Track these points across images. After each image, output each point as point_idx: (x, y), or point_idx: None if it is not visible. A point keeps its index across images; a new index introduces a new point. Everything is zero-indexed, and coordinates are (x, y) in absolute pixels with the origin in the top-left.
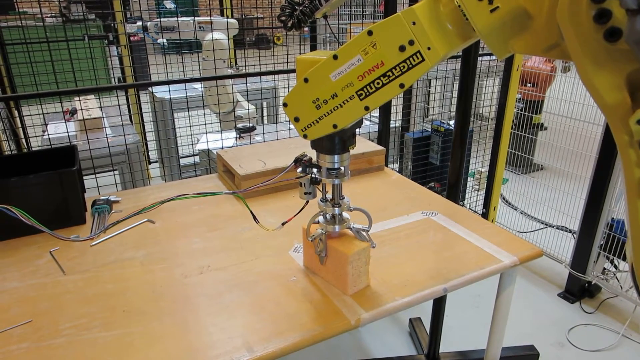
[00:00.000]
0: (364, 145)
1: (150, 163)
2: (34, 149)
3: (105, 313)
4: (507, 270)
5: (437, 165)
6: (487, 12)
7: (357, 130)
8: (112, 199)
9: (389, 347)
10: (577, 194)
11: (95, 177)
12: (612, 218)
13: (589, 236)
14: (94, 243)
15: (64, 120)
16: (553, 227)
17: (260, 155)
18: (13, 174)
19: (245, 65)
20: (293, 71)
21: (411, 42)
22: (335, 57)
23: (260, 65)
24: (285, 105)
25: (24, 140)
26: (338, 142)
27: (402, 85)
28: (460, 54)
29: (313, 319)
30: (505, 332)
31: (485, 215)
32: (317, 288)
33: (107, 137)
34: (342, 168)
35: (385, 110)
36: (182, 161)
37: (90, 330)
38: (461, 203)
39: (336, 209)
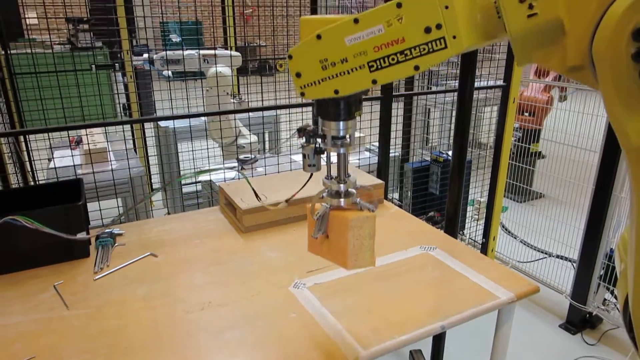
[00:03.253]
0: (363, 178)
1: (152, 190)
2: (40, 179)
3: (108, 349)
4: (505, 307)
5: (437, 195)
6: (525, 16)
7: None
8: (115, 232)
9: None
10: (575, 224)
11: (100, 207)
12: (611, 249)
13: (588, 267)
14: (97, 277)
15: (69, 148)
16: (553, 256)
17: (261, 188)
18: (20, 208)
19: (248, 94)
20: (295, 106)
21: (438, 26)
22: (356, 20)
23: (262, 93)
24: (290, 57)
25: (30, 173)
26: (344, 107)
27: (416, 68)
28: (457, 87)
29: (312, 357)
30: None
31: (485, 245)
32: (316, 325)
33: (112, 170)
34: (348, 136)
35: (385, 140)
36: (185, 188)
37: None
38: (461, 233)
39: (342, 185)
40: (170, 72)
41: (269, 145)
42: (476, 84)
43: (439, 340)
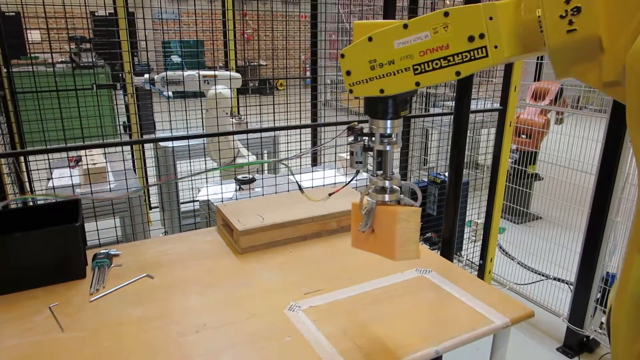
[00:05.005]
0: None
1: (151, 208)
2: (39, 199)
3: None
4: (500, 331)
5: (435, 216)
6: (564, 31)
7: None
8: (112, 253)
9: None
10: (572, 246)
11: (97, 228)
12: (607, 272)
13: (585, 290)
14: (93, 299)
15: (68, 167)
16: (550, 278)
17: (259, 209)
18: (19, 227)
19: (248, 114)
20: (292, 127)
21: (481, 36)
22: (405, 26)
23: (260, 115)
24: (342, 56)
25: (29, 193)
26: (392, 106)
27: (458, 73)
28: (453, 110)
29: None
30: None
31: (482, 266)
32: (310, 350)
33: (110, 190)
34: (394, 135)
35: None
36: (183, 207)
37: None
38: (458, 254)
39: (387, 182)
40: (170, 92)
41: (268, 165)
42: (474, 107)
43: None
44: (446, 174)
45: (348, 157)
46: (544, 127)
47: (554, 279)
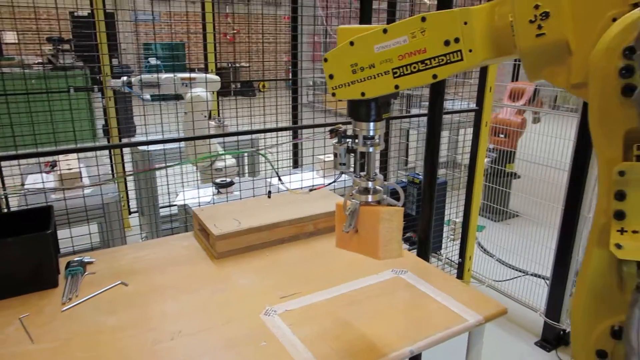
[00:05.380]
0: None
1: (130, 213)
2: (11, 205)
3: None
4: (474, 329)
5: (414, 215)
6: (534, 35)
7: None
8: (86, 260)
9: None
10: (548, 243)
11: (71, 234)
12: None
13: (560, 285)
14: (65, 308)
15: (41, 173)
16: (528, 274)
17: (236, 214)
18: None
19: (230, 117)
20: (270, 130)
21: (457, 40)
22: (385, 30)
23: (237, 118)
24: (325, 60)
25: (3, 199)
26: (374, 109)
27: (435, 76)
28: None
29: None
30: None
31: (461, 264)
32: (286, 354)
33: (84, 197)
34: (377, 137)
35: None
36: (162, 211)
37: None
38: (438, 253)
39: (370, 182)
40: (149, 96)
41: (248, 169)
42: (452, 107)
43: None
44: None
45: (327, 160)
46: (520, 126)
47: (532, 274)
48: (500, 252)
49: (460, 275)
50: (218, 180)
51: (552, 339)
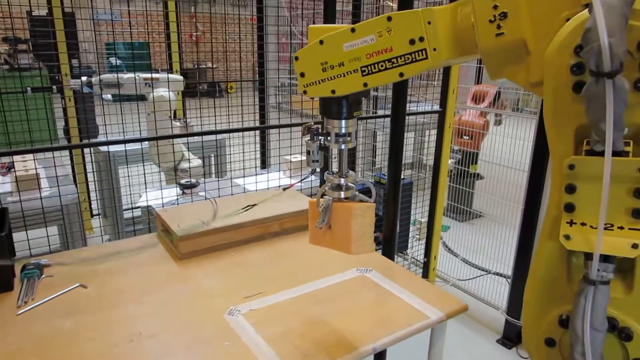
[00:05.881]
0: (304, 202)
1: (92, 216)
2: None
3: None
4: (437, 326)
5: (381, 215)
6: (493, 35)
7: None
8: (42, 263)
9: None
10: (510, 242)
11: (27, 237)
12: None
13: (521, 283)
14: (20, 312)
15: None
16: (491, 273)
17: (201, 214)
18: None
19: (196, 117)
20: (235, 130)
21: (421, 39)
22: (353, 30)
23: (201, 117)
24: (296, 58)
25: None
26: (346, 107)
27: (401, 74)
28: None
29: None
30: None
31: (427, 264)
32: (249, 353)
33: (41, 198)
34: (349, 134)
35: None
36: (126, 214)
37: None
38: (405, 253)
39: (342, 179)
40: (110, 96)
41: (215, 169)
42: (417, 109)
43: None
44: None
45: (294, 160)
46: (483, 128)
47: (494, 273)
48: (465, 251)
49: (425, 275)
50: (182, 181)
51: (513, 336)
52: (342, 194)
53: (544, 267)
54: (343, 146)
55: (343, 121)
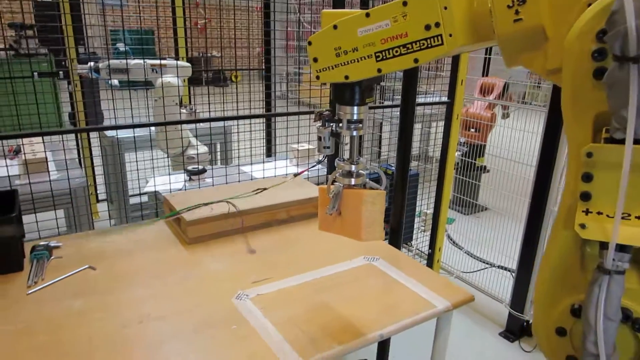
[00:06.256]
0: (312, 190)
1: (98, 201)
2: None
3: None
4: (443, 315)
5: (387, 206)
6: (511, 20)
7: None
8: (52, 245)
9: None
10: (516, 235)
11: (36, 219)
12: None
13: (525, 277)
14: (30, 291)
15: (5, 158)
16: (495, 266)
17: (208, 200)
18: None
19: (202, 103)
20: (242, 117)
21: (437, 24)
22: (367, 14)
23: (210, 104)
24: (309, 43)
25: None
26: (358, 93)
27: (416, 60)
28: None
29: None
30: None
31: (431, 255)
32: (257, 336)
33: (50, 181)
34: (361, 121)
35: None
36: (132, 199)
37: None
38: (409, 244)
39: (353, 166)
40: (117, 81)
41: (220, 156)
42: (425, 100)
43: (383, 349)
44: None
45: (301, 148)
46: (491, 120)
47: (499, 267)
48: (469, 244)
49: (429, 266)
50: (190, 168)
51: (516, 330)
52: (353, 181)
53: (557, 255)
54: (355, 133)
55: (355, 107)
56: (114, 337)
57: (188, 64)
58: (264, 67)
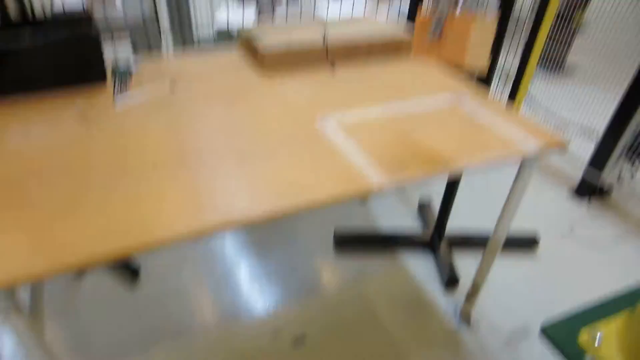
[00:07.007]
0: (394, 30)
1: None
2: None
3: (137, 162)
4: (528, 158)
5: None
6: None
7: None
8: (131, 65)
9: (397, 225)
10: (602, 101)
11: (113, 44)
12: None
13: (613, 137)
14: (116, 103)
15: None
16: (576, 125)
17: (285, 32)
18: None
19: None
20: None
21: None
22: None
23: None
24: None
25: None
26: None
27: None
28: None
29: (334, 179)
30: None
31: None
32: (338, 154)
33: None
34: None
35: None
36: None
37: (119, 179)
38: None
39: None
40: None
41: None
42: None
43: (450, 193)
44: None
45: None
46: None
47: (580, 128)
48: (550, 104)
49: None
50: None
51: (586, 191)
52: (460, 9)
53: None
54: None
55: None
56: (203, 142)
57: None
58: None
